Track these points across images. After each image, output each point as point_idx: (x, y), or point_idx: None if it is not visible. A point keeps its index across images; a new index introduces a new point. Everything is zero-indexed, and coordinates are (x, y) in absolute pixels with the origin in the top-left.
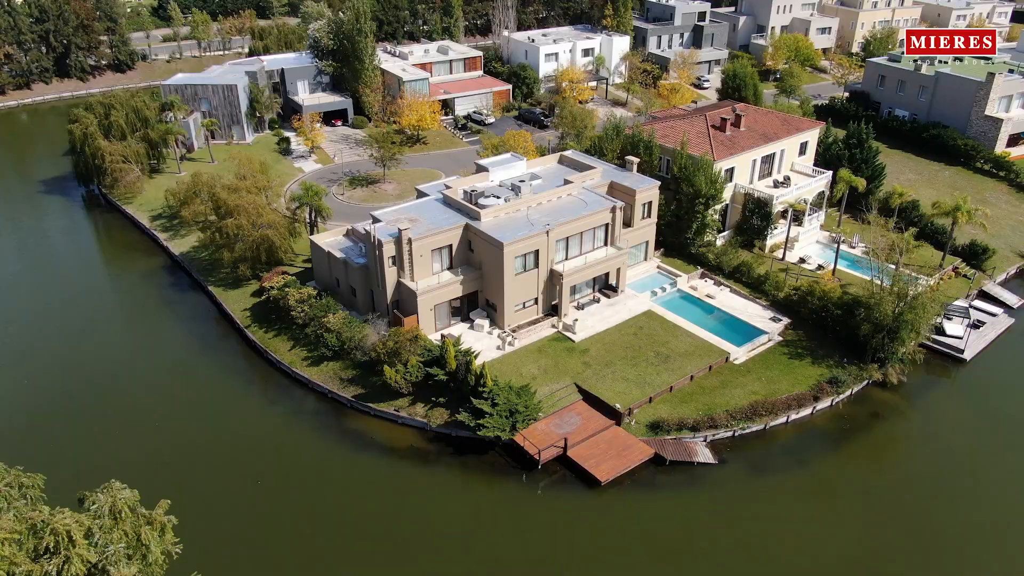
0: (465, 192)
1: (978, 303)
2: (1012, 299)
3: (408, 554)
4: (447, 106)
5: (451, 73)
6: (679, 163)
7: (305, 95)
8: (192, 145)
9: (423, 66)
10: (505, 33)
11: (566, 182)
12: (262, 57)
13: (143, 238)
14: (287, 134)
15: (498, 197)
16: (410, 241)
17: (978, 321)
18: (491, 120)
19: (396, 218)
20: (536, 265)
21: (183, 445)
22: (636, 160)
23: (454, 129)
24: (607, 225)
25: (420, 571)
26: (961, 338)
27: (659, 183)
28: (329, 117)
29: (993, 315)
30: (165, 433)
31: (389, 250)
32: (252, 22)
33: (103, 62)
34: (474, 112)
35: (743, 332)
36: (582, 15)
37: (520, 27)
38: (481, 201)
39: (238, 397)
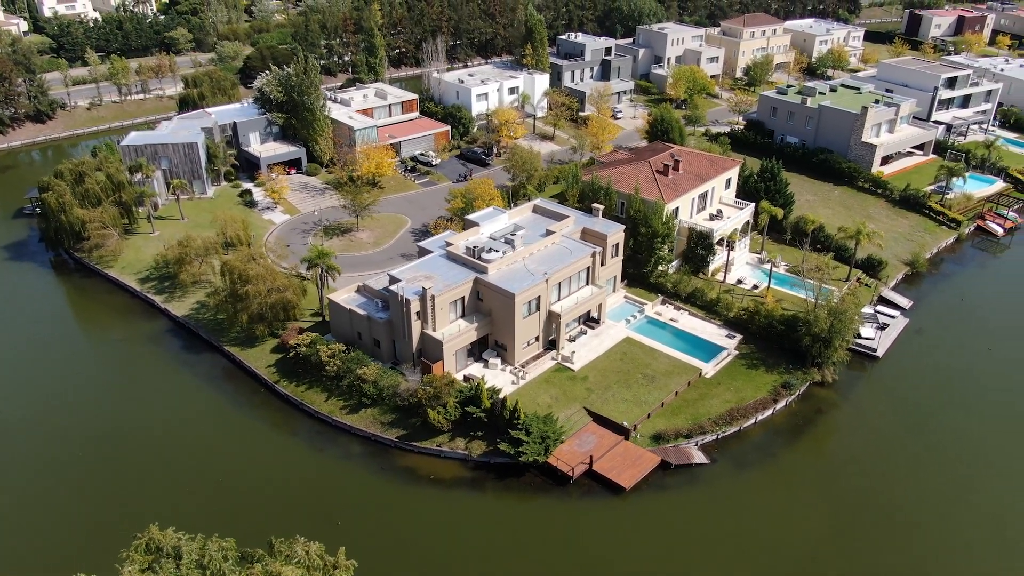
0: (467, 248)
1: (880, 308)
2: (904, 302)
3: (478, 569)
4: (394, 149)
5: (390, 116)
6: (634, 207)
7: (258, 146)
8: (157, 203)
9: (365, 111)
10: (435, 75)
11: (548, 232)
12: (208, 110)
13: (134, 301)
14: (247, 186)
15: (497, 251)
16: (432, 297)
17: (884, 324)
18: (437, 161)
19: (413, 276)
20: (538, 308)
21: (253, 495)
22: (601, 207)
23: (404, 172)
24: (588, 267)
25: None
26: (873, 339)
27: (624, 227)
28: (283, 165)
29: (893, 317)
30: (231, 486)
31: (415, 306)
32: (172, 64)
33: (22, 112)
34: (420, 154)
35: (707, 350)
36: (487, 44)
37: (429, 56)
38: (484, 256)
39: (288, 447)
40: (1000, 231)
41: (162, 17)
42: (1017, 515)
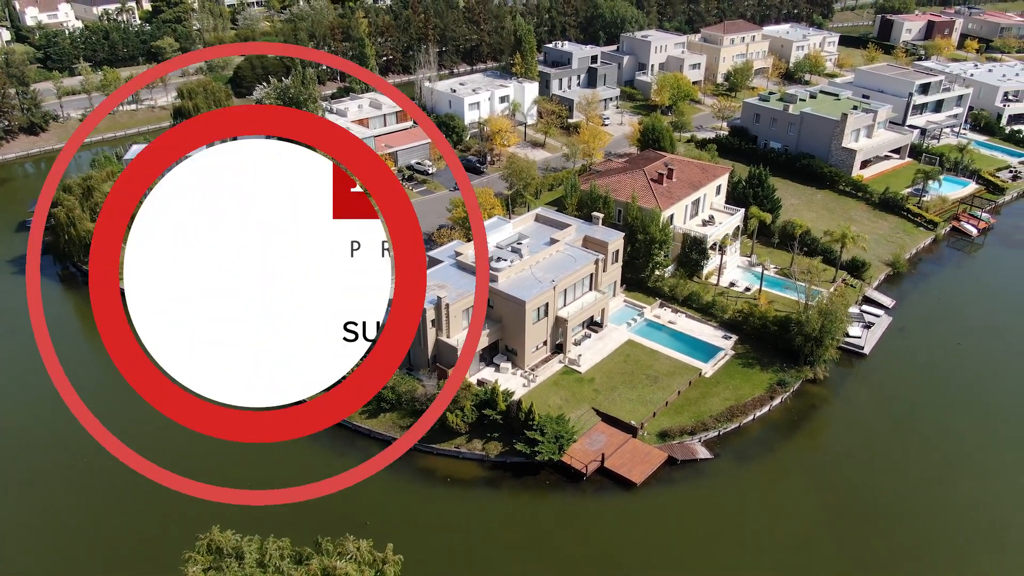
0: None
1: (866, 307)
2: (887, 301)
3: (499, 563)
4: (392, 159)
5: (385, 125)
6: (632, 214)
7: None
8: None
9: (361, 122)
10: (427, 84)
11: (552, 240)
12: None
13: None
14: None
15: (505, 259)
16: (447, 306)
17: (869, 322)
18: (433, 170)
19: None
20: (546, 314)
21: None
22: (601, 215)
23: (402, 181)
24: (592, 274)
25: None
26: (860, 337)
27: (623, 234)
28: None
29: (877, 316)
30: (257, 489)
31: (431, 315)
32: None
33: (16, 124)
34: (416, 163)
35: (705, 350)
36: (472, 51)
37: (420, 66)
38: (494, 265)
39: (309, 452)
40: (974, 231)
41: (148, 26)
42: (996, 503)
